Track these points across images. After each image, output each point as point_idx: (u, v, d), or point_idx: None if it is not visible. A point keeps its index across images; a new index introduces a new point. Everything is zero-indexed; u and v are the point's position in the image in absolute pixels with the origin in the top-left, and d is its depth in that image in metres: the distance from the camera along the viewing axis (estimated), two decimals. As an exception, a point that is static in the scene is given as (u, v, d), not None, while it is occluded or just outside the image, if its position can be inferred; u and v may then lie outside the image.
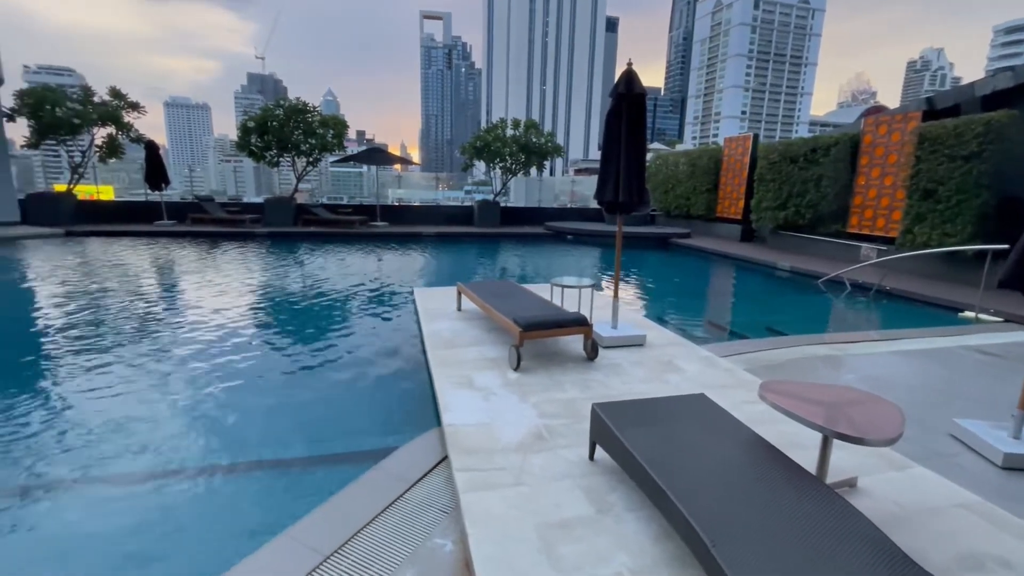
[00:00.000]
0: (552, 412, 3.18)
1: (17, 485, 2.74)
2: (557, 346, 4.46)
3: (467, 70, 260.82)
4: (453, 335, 4.70)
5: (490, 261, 11.89)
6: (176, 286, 8.13)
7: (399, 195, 25.09)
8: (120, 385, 4.04)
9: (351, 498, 2.45)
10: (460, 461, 2.60)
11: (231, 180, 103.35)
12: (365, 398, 4.00)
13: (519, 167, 16.98)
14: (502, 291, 5.01)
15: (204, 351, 4.82)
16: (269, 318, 6.38)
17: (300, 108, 15.62)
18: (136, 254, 10.71)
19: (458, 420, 3.03)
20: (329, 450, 3.26)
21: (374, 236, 14.52)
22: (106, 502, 2.66)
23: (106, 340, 5.14)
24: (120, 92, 15.03)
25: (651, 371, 3.96)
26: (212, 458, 3.05)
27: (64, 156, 15.03)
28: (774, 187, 12.47)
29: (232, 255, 10.90)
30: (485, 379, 3.66)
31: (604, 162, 4.31)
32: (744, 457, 2.13)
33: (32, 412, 3.57)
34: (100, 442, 3.16)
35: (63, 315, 6.19)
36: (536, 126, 16.91)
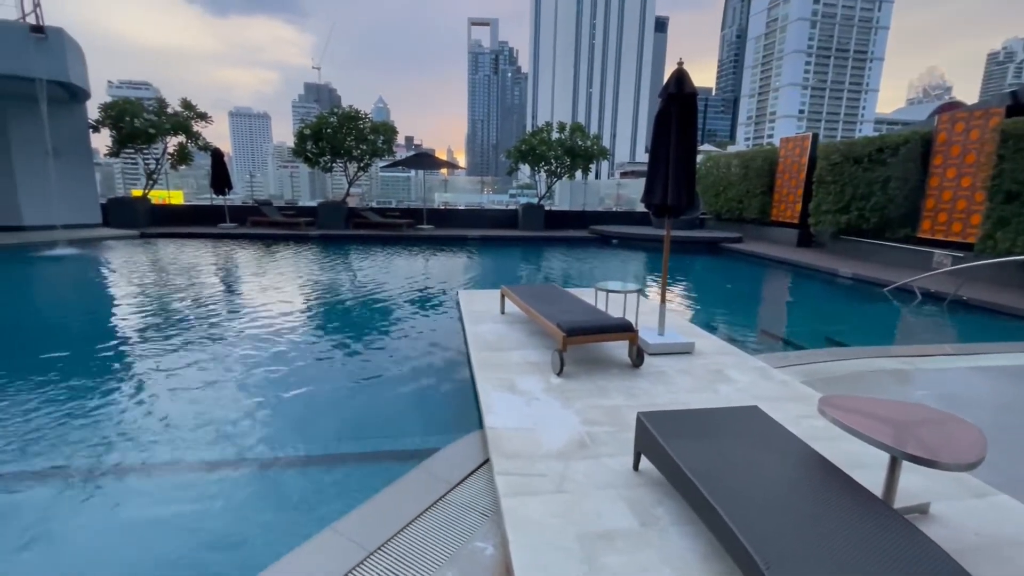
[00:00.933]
0: (595, 419, 3.12)
1: (82, 466, 2.95)
2: (601, 352, 4.38)
3: (513, 74, 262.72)
4: (496, 338, 4.71)
5: (534, 265, 11.88)
6: (236, 285, 8.59)
7: (445, 199, 25.58)
8: (184, 377, 4.30)
9: (395, 496, 2.49)
10: (501, 465, 2.59)
11: (288, 185, 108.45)
12: (409, 397, 4.07)
13: (564, 170, 16.90)
14: (546, 295, 4.98)
15: (259, 347, 5.06)
16: (320, 316, 6.63)
17: (352, 115, 16.21)
18: (201, 255, 11.41)
19: (500, 423, 3.03)
20: (375, 447, 3.33)
21: (420, 239, 14.83)
22: (166, 486, 2.82)
23: (172, 335, 5.48)
24: (190, 104, 16.10)
25: (699, 380, 3.82)
26: (265, 450, 3.18)
27: (140, 163, 16.24)
28: (835, 189, 11.80)
29: (287, 256, 11.43)
30: (528, 383, 3.65)
31: (652, 164, 4.21)
32: (801, 475, 2.01)
33: (103, 397, 3.86)
34: (166, 430, 3.36)
35: (135, 310, 6.68)
36: (582, 129, 16.78)
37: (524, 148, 16.41)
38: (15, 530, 2.39)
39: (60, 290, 8.53)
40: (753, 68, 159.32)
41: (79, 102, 13.78)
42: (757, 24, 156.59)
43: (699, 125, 4.31)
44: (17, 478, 2.82)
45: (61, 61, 11.57)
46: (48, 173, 12.14)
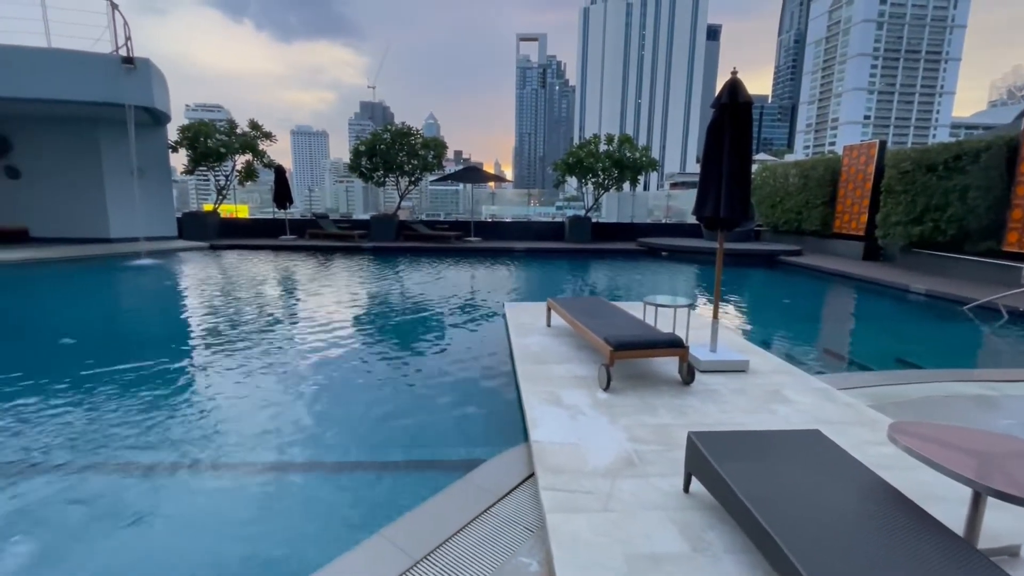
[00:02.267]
0: (643, 437, 3.05)
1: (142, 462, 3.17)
2: (649, 368, 4.28)
3: (561, 88, 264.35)
4: (542, 350, 4.70)
5: (580, 277, 11.79)
6: (294, 294, 9.04)
7: (492, 211, 25.93)
8: (243, 379, 4.54)
9: (441, 506, 2.52)
10: (547, 480, 2.57)
11: (343, 199, 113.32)
12: (455, 407, 4.12)
13: (612, 182, 16.76)
14: (593, 308, 4.93)
15: (313, 353, 5.28)
16: (370, 325, 6.85)
17: (405, 132, 16.80)
18: (263, 265, 12.10)
19: (545, 437, 3.01)
20: (421, 456, 3.38)
21: (468, 251, 15.08)
22: (224, 483, 2.97)
23: (234, 340, 5.83)
24: (257, 124, 17.23)
25: (755, 400, 3.65)
26: (317, 453, 3.30)
27: (212, 180, 17.49)
28: (906, 199, 11.05)
29: (342, 267, 11.91)
30: (573, 397, 3.61)
31: (704, 176, 4.11)
32: (868, 505, 1.88)
33: (172, 396, 4.14)
34: (227, 429, 3.56)
35: (203, 317, 7.15)
36: (631, 140, 16.61)
37: (571, 160, 16.42)
38: (86, 515, 2.59)
39: (141, 297, 9.27)
40: (813, 73, 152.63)
41: (161, 125, 15.04)
42: (817, 28, 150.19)
43: (753, 134, 4.17)
44: (95, 469, 3.06)
45: (147, 88, 12.69)
46: (133, 190, 13.30)
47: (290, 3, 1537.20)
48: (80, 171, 14.03)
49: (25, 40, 11.84)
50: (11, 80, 11.53)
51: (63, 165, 13.97)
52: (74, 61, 11.95)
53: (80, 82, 11.91)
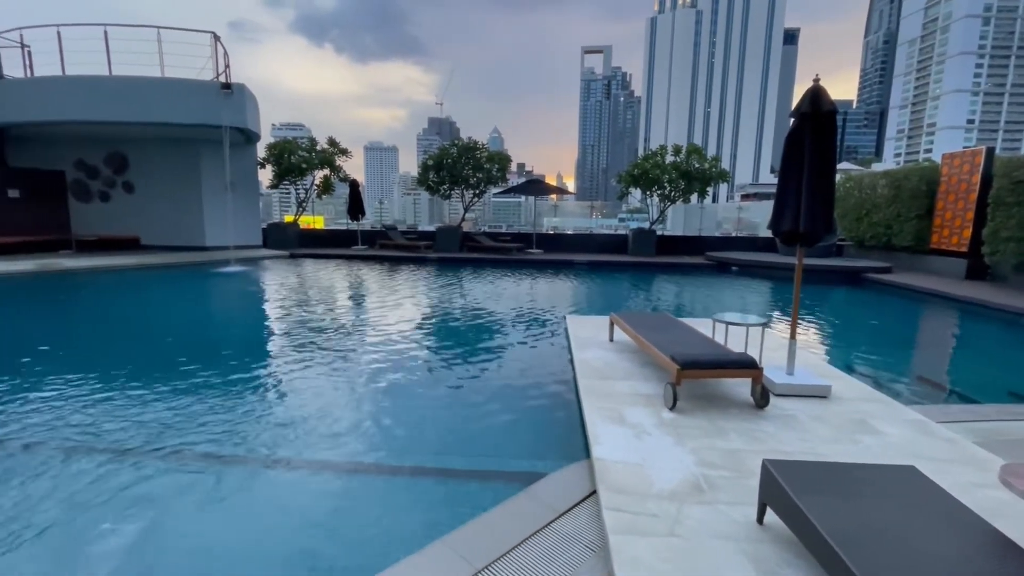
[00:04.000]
0: (712, 461, 2.90)
1: (215, 454, 3.41)
2: (719, 389, 4.08)
3: (625, 99, 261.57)
4: (604, 366, 4.62)
5: (644, 292, 11.50)
6: (363, 301, 9.49)
7: (554, 223, 25.94)
8: (314, 380, 4.81)
9: (502, 518, 2.53)
10: (609, 499, 2.51)
11: (410, 211, 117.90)
12: (515, 419, 4.13)
13: (678, 194, 16.28)
14: (658, 324, 4.79)
15: (381, 358, 5.50)
16: (434, 334, 7.04)
17: (470, 146, 17.28)
18: (337, 273, 12.82)
19: (608, 455, 2.95)
20: (480, 466, 3.41)
21: (529, 262, 15.17)
22: (293, 479, 3.15)
23: (309, 343, 6.19)
24: (335, 141, 18.38)
25: (838, 429, 3.38)
26: (381, 457, 3.42)
27: (293, 193, 18.83)
28: (1019, 212, 9.88)
29: (408, 276, 12.37)
30: (637, 415, 3.51)
31: (782, 188, 3.90)
32: (975, 556, 1.68)
33: (247, 392, 4.46)
34: (297, 428, 3.78)
35: (283, 320, 7.67)
36: (699, 151, 16.09)
37: (636, 172, 16.14)
38: (178, 497, 2.83)
39: (230, 300, 10.11)
40: (905, 76, 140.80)
41: (251, 143, 16.42)
42: (911, 27, 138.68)
43: (836, 142, 3.93)
44: (185, 456, 3.34)
45: (242, 111, 13.94)
46: (226, 203, 14.59)
47: (367, 26, 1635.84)
48: (183, 186, 15.58)
49: (143, 71, 13.42)
50: (132, 106, 13.07)
51: (169, 181, 15.58)
52: (182, 88, 13.37)
53: (187, 107, 13.30)
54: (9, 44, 14.64)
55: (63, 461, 3.23)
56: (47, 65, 13.76)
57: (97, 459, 3.26)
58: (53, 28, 13.41)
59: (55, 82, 13.32)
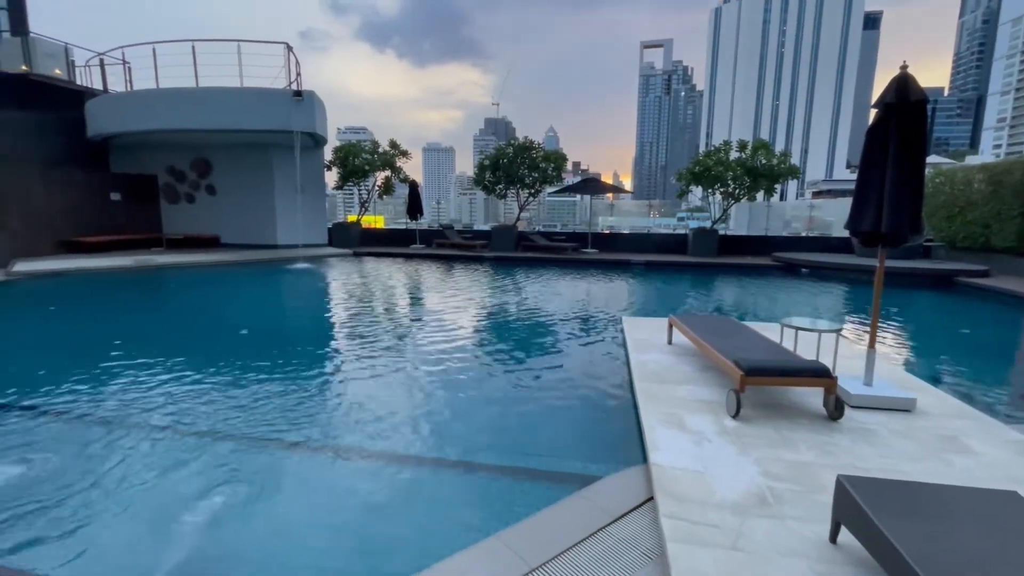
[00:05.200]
0: (779, 473, 2.76)
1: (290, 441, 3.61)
2: (787, 397, 3.87)
3: (687, 94, 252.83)
4: (662, 369, 4.50)
5: (705, 294, 11.08)
6: (421, 298, 9.77)
7: (610, 223, 25.51)
8: (377, 374, 4.99)
9: (557, 517, 2.53)
10: (668, 506, 2.45)
11: (466, 210, 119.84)
12: (569, 420, 4.11)
13: (743, 192, 15.53)
14: (721, 328, 4.60)
15: (437, 354, 5.63)
16: (488, 332, 7.12)
17: (526, 146, 17.33)
18: (396, 271, 13.26)
19: (666, 461, 2.87)
20: (534, 465, 3.42)
21: (584, 262, 15.01)
22: (352, 468, 3.29)
23: (370, 337, 6.45)
24: (396, 143, 19.01)
25: (923, 446, 3.11)
26: (438, 451, 3.50)
27: (356, 194, 19.66)
28: None
29: (464, 275, 12.60)
30: (698, 422, 3.39)
31: (862, 185, 3.63)
32: (1097, 599, 1.49)
33: (311, 382, 4.70)
34: (359, 419, 3.94)
35: (346, 314, 8.04)
36: (767, 146, 15.28)
37: (698, 169, 15.56)
38: (251, 478, 3.04)
39: (299, 296, 10.72)
40: (1008, 58, 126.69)
41: (319, 147, 17.29)
42: (1015, 3, 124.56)
43: (926, 134, 3.62)
44: (255, 441, 3.58)
45: (311, 116, 14.71)
46: (296, 204, 15.47)
47: (425, 31, 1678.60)
48: (257, 188, 16.66)
49: (225, 82, 14.48)
50: (216, 115, 14.15)
51: (245, 183, 16.70)
52: (259, 97, 14.31)
53: (263, 114, 14.21)
54: (113, 62, 16.27)
55: (153, 439, 3.55)
56: (144, 80, 15.18)
57: (183, 440, 3.56)
58: (149, 46, 14.75)
59: (151, 95, 14.64)
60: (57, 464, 3.17)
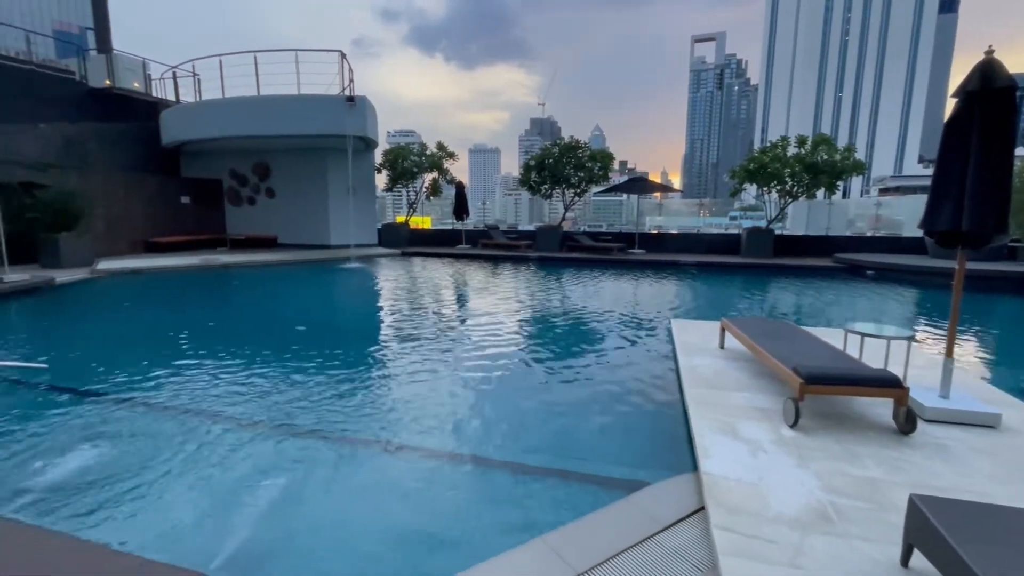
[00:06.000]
0: (842, 489, 2.59)
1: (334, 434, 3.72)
2: (851, 408, 3.63)
3: (740, 88, 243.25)
4: (714, 374, 4.34)
5: (759, 296, 10.61)
6: (468, 298, 9.88)
7: (658, 223, 24.89)
8: (424, 371, 5.08)
9: (603, 522, 2.49)
10: (720, 518, 2.35)
11: (511, 211, 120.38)
12: (616, 424, 4.03)
13: (802, 190, 14.76)
14: (778, 332, 4.39)
15: (483, 354, 5.67)
16: (533, 332, 7.11)
17: (573, 146, 17.19)
18: (443, 270, 13.49)
19: (718, 471, 2.76)
20: (579, 468, 3.37)
21: (631, 263, 14.72)
22: (398, 465, 3.34)
23: (418, 335, 6.58)
24: (443, 145, 19.33)
25: (1008, 467, 2.84)
26: (483, 450, 3.52)
27: (404, 195, 20.14)
28: None
29: (509, 275, 12.64)
30: (752, 430, 3.25)
31: (939, 181, 3.36)
32: None
33: (361, 379, 4.83)
34: (406, 415, 4.02)
35: (395, 312, 8.25)
36: (828, 141, 14.45)
37: (752, 167, 14.91)
38: (304, 468, 3.16)
39: (351, 294, 11.11)
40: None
41: (370, 150, 17.85)
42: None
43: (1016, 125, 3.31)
44: (309, 433, 3.72)
45: (363, 120, 15.21)
46: (348, 206, 16.05)
47: (472, 33, 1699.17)
48: (312, 191, 17.39)
49: (284, 90, 15.21)
50: (275, 121, 14.90)
51: (301, 186, 17.48)
52: (315, 103, 14.93)
53: (319, 119, 14.83)
54: (185, 74, 17.44)
55: (214, 428, 3.77)
56: (212, 90, 16.19)
57: (241, 429, 3.75)
58: (217, 58, 15.71)
59: (217, 104, 15.60)
60: (129, 447, 3.42)
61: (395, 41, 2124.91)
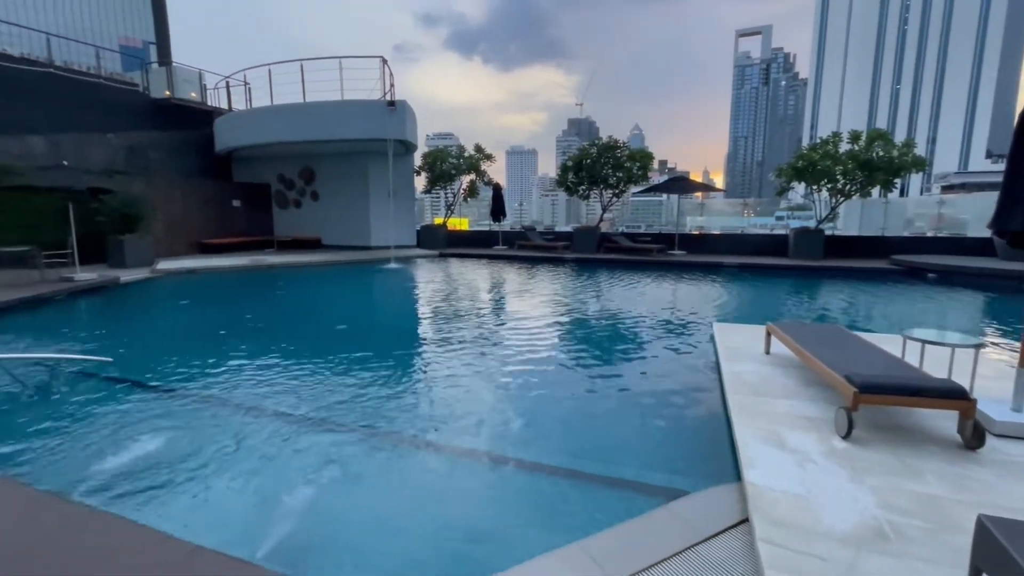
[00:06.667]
0: (901, 506, 2.43)
1: (374, 430, 3.78)
2: (909, 420, 3.41)
3: (788, 82, 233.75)
4: (759, 381, 4.17)
5: (808, 300, 10.15)
6: (505, 299, 9.91)
7: (699, 223, 24.24)
8: (462, 371, 5.12)
9: (641, 530, 2.43)
10: (766, 531, 2.25)
11: (548, 212, 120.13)
12: (654, 429, 3.94)
13: (855, 188, 14.03)
14: (829, 338, 4.18)
15: (520, 355, 5.66)
16: (570, 334, 7.05)
17: (611, 146, 16.98)
18: (480, 271, 13.59)
19: (763, 481, 2.64)
20: (615, 473, 3.31)
21: (671, 264, 14.39)
22: (436, 464, 3.38)
23: (453, 335, 6.64)
24: (481, 147, 19.49)
25: (1095, 489, 2.59)
26: (520, 451, 3.50)
27: (442, 197, 20.42)
28: None
29: (546, 276, 12.60)
30: (800, 440, 3.10)
31: (1012, 177, 3.11)
32: None
33: (400, 377, 4.91)
34: (444, 413, 4.06)
35: (434, 312, 8.36)
36: (885, 136, 13.68)
37: (801, 164, 14.30)
38: (325, 462, 3.23)
39: (391, 294, 11.36)
40: None
41: (409, 153, 18.20)
42: None
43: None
44: (353, 430, 3.81)
45: (403, 124, 15.53)
46: (388, 208, 16.41)
47: (511, 35, 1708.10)
48: (353, 193, 17.89)
49: (328, 96, 15.73)
50: (320, 127, 15.42)
51: (343, 189, 18.01)
52: (358, 109, 15.36)
53: (361, 124, 15.25)
54: (237, 83, 18.30)
55: (263, 422, 3.92)
56: (261, 98, 16.92)
57: (286, 423, 3.89)
58: (266, 67, 16.40)
59: (266, 111, 16.28)
60: (182, 437, 3.60)
61: (435, 45, 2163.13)
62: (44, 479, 3.06)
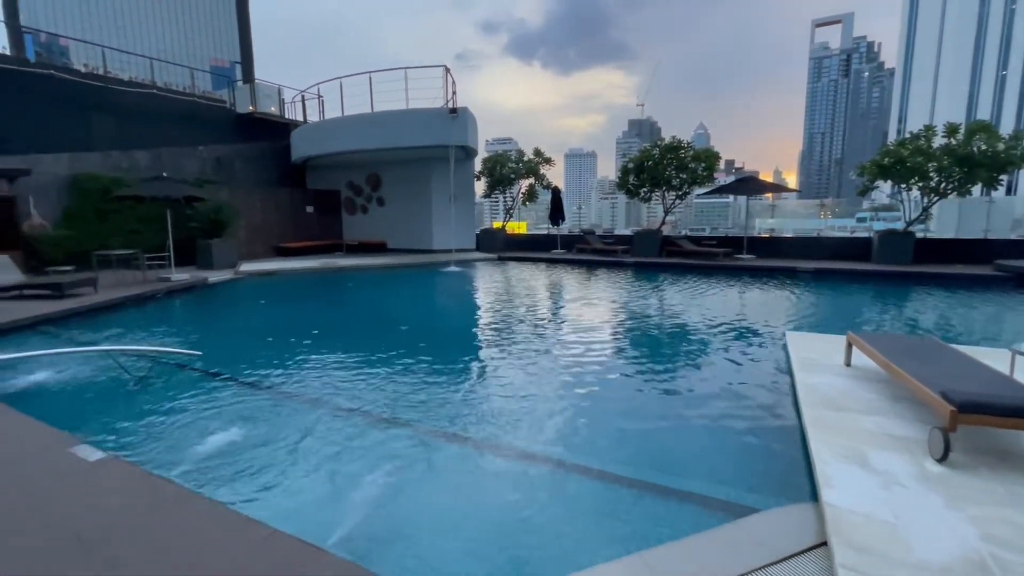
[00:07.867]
0: (1008, 539, 2.18)
1: (438, 430, 3.85)
2: (1018, 444, 3.05)
3: (871, 73, 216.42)
4: (839, 395, 3.88)
5: (895, 308, 9.32)
6: (564, 303, 9.86)
7: (769, 225, 22.96)
8: (523, 374, 5.14)
9: (707, 546, 2.33)
10: (847, 557, 2.09)
11: (607, 214, 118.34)
12: (721, 441, 3.76)
13: (952, 186, 12.73)
14: (921, 350, 3.82)
15: (579, 359, 5.61)
16: (632, 339, 6.89)
17: (674, 146, 16.46)
18: (539, 275, 13.61)
19: (844, 503, 2.46)
20: (679, 485, 3.20)
21: (739, 269, 13.71)
22: (495, 465, 3.40)
23: (515, 339, 6.68)
24: (540, 151, 19.54)
25: None
26: (581, 458, 3.47)
27: (501, 201, 20.65)
28: None
29: (605, 280, 12.41)
30: (887, 461, 2.85)
31: None
32: None
33: (457, 378, 4.99)
34: (503, 418, 4.09)
35: (492, 315, 8.46)
36: (989, 128, 12.32)
37: (887, 161, 13.16)
38: (374, 459, 3.33)
39: (451, 296, 11.63)
40: None
41: (470, 159, 18.57)
42: None
43: None
44: (418, 428, 3.93)
45: (464, 131, 15.89)
46: (450, 212, 16.84)
47: (570, 37, 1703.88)
48: (416, 199, 18.50)
49: (393, 105, 16.40)
50: (387, 135, 16.11)
51: (407, 194, 18.67)
52: (422, 116, 15.90)
53: (425, 131, 15.77)
54: (311, 96, 19.49)
55: (334, 417, 4.13)
56: (333, 110, 17.94)
57: (354, 419, 4.08)
58: (337, 81, 17.37)
59: (337, 121, 17.22)
60: (262, 428, 3.87)
61: (495, 52, 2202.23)
62: (145, 459, 3.39)
